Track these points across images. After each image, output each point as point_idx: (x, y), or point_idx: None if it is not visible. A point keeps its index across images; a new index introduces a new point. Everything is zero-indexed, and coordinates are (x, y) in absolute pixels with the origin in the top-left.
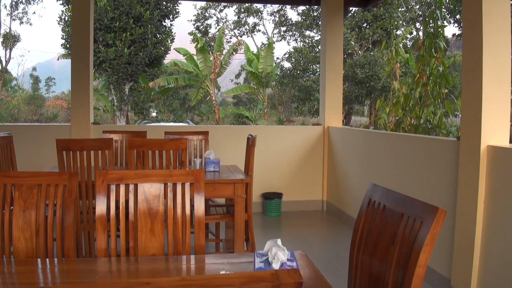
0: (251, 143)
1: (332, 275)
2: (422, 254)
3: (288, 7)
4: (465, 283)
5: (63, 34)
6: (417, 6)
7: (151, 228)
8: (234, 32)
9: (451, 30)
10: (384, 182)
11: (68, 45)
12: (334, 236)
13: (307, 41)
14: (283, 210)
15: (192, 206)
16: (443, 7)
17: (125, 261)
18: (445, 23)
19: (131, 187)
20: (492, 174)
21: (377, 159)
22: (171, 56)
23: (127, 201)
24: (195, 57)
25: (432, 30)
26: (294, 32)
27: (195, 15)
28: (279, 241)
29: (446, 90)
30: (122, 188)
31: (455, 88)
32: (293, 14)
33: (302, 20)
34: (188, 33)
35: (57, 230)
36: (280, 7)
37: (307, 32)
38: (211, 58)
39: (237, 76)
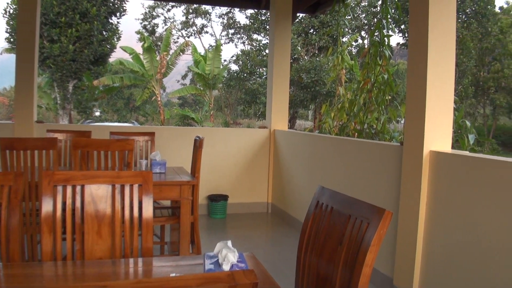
0: (198, 145)
1: (278, 277)
2: (368, 254)
3: (237, 10)
4: (407, 282)
5: (7, 27)
6: (363, 15)
7: (98, 231)
8: (182, 33)
9: (395, 39)
10: (329, 185)
11: (12, 40)
12: (279, 238)
13: (255, 44)
14: (228, 212)
15: (140, 208)
16: (388, 17)
17: (71, 265)
18: (390, 33)
19: (78, 188)
20: (434, 178)
21: (323, 163)
22: (117, 55)
23: (73, 203)
24: (141, 57)
25: (377, 38)
26: (242, 35)
27: (142, 13)
28: (229, 243)
29: (390, 97)
30: (69, 190)
31: (398, 95)
32: (241, 17)
33: (250, 23)
34: (135, 32)
35: (1, 233)
36: (228, 10)
37: (255, 36)
38: (158, 58)
39: (184, 77)
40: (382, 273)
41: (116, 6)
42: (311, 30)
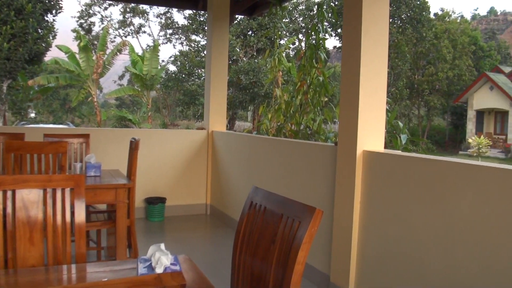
0: (133, 146)
1: (216, 278)
2: (300, 252)
3: (175, 10)
4: (344, 278)
5: None
6: (301, 18)
7: (30, 238)
8: (119, 32)
9: (332, 42)
10: (266, 185)
11: None
12: (218, 239)
13: (193, 45)
14: (166, 215)
15: (72, 213)
16: (325, 20)
17: (3, 274)
18: (326, 36)
19: (9, 193)
20: (367, 176)
21: (260, 163)
22: (52, 54)
23: (4, 209)
24: (77, 56)
25: (313, 41)
26: (180, 36)
27: (79, 11)
28: (162, 246)
29: (326, 99)
30: None
31: (334, 96)
32: (179, 17)
33: (188, 24)
34: (71, 30)
35: None
36: (166, 10)
37: (193, 37)
38: (94, 58)
39: (121, 77)
40: (319, 271)
41: (52, 3)
42: (250, 32)
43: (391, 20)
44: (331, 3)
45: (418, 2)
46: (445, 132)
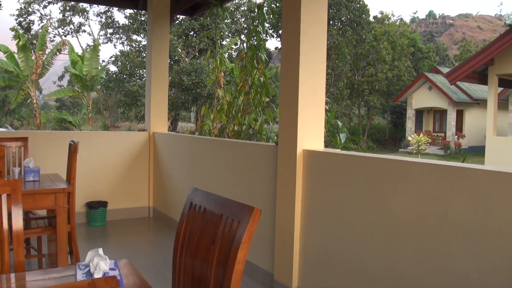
0: (73, 149)
1: (159, 281)
2: (240, 251)
3: (116, 9)
4: (287, 276)
5: None
6: (243, 19)
7: None
8: (59, 31)
9: (274, 43)
10: (209, 186)
11: None
12: (161, 242)
13: (134, 45)
14: (108, 219)
15: (9, 219)
16: (265, 22)
17: None
18: (268, 37)
19: None
20: (308, 175)
21: (203, 164)
22: None
23: None
24: (16, 56)
25: (254, 42)
26: (121, 35)
27: (18, 9)
28: (100, 251)
29: (268, 99)
30: None
31: (276, 97)
32: (120, 16)
33: (129, 23)
34: (10, 29)
35: None
36: (107, 9)
37: (134, 36)
38: (33, 58)
39: (61, 78)
40: (263, 269)
41: None
42: (192, 32)
43: (331, 22)
44: (272, 5)
45: (358, 5)
46: (385, 130)
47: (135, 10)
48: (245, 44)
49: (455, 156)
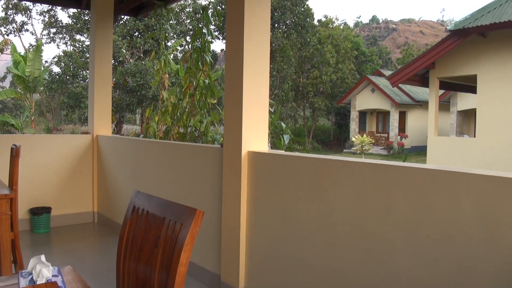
0: (15, 153)
1: (104, 287)
2: (183, 254)
3: (59, 8)
4: (234, 277)
5: None
6: (188, 21)
7: None
8: (1, 30)
9: (220, 45)
10: (155, 189)
11: None
12: (106, 247)
13: (78, 45)
14: (52, 226)
15: None
16: (211, 24)
17: None
18: (213, 39)
19: None
20: (252, 176)
21: (148, 167)
22: None
23: None
24: None
25: (199, 44)
26: (65, 35)
27: None
28: (43, 257)
29: (215, 101)
30: None
31: (222, 99)
32: (64, 16)
33: (73, 23)
34: None
35: None
36: (50, 7)
37: (78, 36)
38: None
39: (2, 79)
40: (210, 271)
41: None
42: (136, 33)
43: (276, 25)
44: (218, 7)
45: (302, 9)
46: (330, 131)
47: (79, 10)
48: (190, 46)
49: (398, 156)
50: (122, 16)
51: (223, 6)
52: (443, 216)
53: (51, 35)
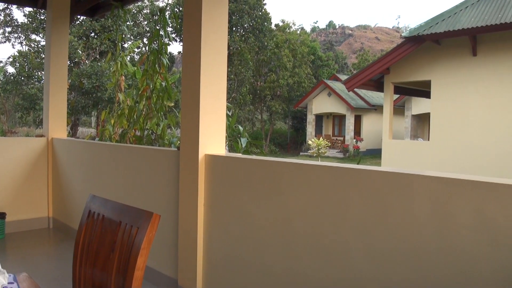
0: None
1: None
2: (139, 258)
3: (14, 6)
4: (191, 280)
5: None
6: (145, 22)
7: None
8: None
9: (177, 48)
10: (111, 193)
11: None
12: (62, 253)
13: (33, 45)
14: (7, 232)
15: None
16: (168, 26)
17: None
18: (170, 42)
19: None
20: (210, 180)
21: (104, 171)
22: None
23: None
24: None
25: (156, 46)
26: (20, 35)
27: None
28: None
29: (172, 104)
30: None
31: (179, 102)
32: (19, 14)
33: (28, 22)
34: None
35: None
36: (5, 5)
37: (34, 36)
38: None
39: None
40: (167, 276)
41: None
42: (92, 34)
43: (234, 29)
44: (175, 9)
45: (260, 13)
46: (287, 135)
47: (35, 8)
48: (147, 48)
49: (353, 158)
50: (79, 16)
51: (180, 8)
52: (398, 216)
53: (6, 34)
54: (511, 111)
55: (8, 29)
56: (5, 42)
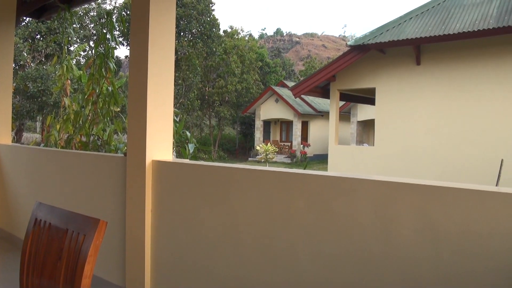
0: None
1: None
2: (87, 265)
3: None
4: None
5: None
6: (92, 25)
7: None
8: None
9: (124, 52)
10: (57, 200)
11: None
12: (8, 264)
13: None
14: None
15: None
16: (115, 30)
17: None
18: (117, 46)
19: None
20: (157, 186)
21: (50, 178)
22: None
23: None
24: None
25: (103, 50)
26: None
27: None
28: None
29: (118, 109)
30: None
31: (126, 107)
32: None
33: None
34: None
35: None
36: None
37: None
38: None
39: None
40: (114, 284)
41: None
42: (38, 36)
43: (182, 34)
44: (123, 12)
45: (208, 19)
46: (235, 140)
47: None
48: (93, 51)
49: (301, 163)
50: (25, 18)
51: (127, 12)
52: (343, 219)
53: None
54: (453, 117)
55: None
56: None
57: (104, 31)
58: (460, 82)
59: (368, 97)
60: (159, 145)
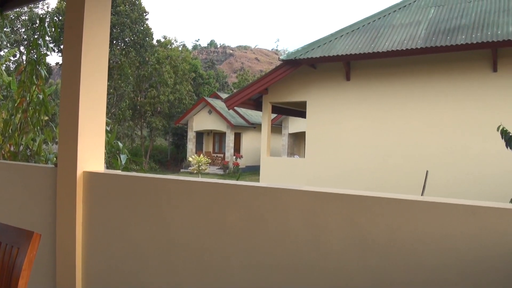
0: None
1: None
2: (21, 280)
3: None
4: None
5: None
6: (23, 30)
7: None
8: None
9: (55, 58)
10: None
11: None
12: None
13: None
14: None
15: None
16: (47, 35)
17: None
18: (48, 52)
19: None
20: (89, 197)
21: None
22: None
23: None
24: None
25: (34, 56)
26: None
27: None
28: None
29: (47, 118)
30: None
31: (56, 116)
32: None
33: None
34: None
35: None
36: None
37: None
38: None
39: None
40: None
41: None
42: None
43: (114, 42)
44: (55, 18)
45: (141, 28)
46: (167, 151)
47: None
48: (24, 57)
49: (233, 175)
50: None
51: (60, 17)
52: (274, 228)
53: None
54: (381, 131)
55: None
56: None
57: (36, 36)
58: (388, 98)
59: (299, 110)
60: (91, 155)
